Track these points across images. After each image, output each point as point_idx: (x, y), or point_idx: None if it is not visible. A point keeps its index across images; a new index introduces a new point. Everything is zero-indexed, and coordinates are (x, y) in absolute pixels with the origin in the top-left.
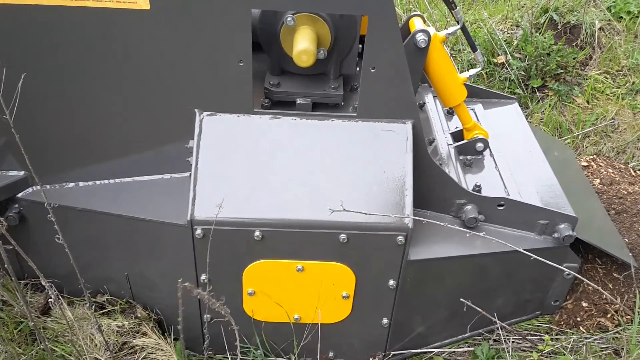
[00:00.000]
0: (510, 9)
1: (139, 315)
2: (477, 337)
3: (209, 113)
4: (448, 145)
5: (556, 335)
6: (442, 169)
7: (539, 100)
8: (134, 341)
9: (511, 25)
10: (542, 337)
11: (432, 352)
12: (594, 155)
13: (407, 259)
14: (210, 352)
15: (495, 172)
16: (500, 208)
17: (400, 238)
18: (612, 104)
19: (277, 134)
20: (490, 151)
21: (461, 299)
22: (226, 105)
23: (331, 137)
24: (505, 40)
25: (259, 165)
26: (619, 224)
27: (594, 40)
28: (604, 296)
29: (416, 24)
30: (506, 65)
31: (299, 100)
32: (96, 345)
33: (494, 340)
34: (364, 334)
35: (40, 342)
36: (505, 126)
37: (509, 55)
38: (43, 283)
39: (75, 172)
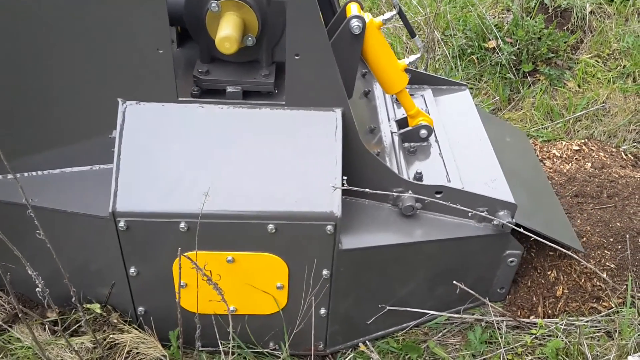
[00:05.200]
0: None
1: (115, 321)
2: (468, 321)
3: (132, 102)
4: (392, 132)
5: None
6: (376, 157)
7: (530, 85)
8: (116, 339)
9: (502, 10)
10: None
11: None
12: (586, 139)
13: (339, 248)
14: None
15: (438, 159)
16: (438, 196)
17: (330, 227)
18: (603, 87)
19: (203, 123)
20: (436, 138)
21: (454, 282)
22: (149, 94)
23: (259, 126)
24: (495, 25)
25: (183, 155)
26: (611, 208)
27: (585, 24)
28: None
29: (352, 9)
30: (497, 50)
31: (229, 89)
32: None
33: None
34: (303, 324)
35: None
36: (453, 113)
37: (500, 40)
38: (29, 272)
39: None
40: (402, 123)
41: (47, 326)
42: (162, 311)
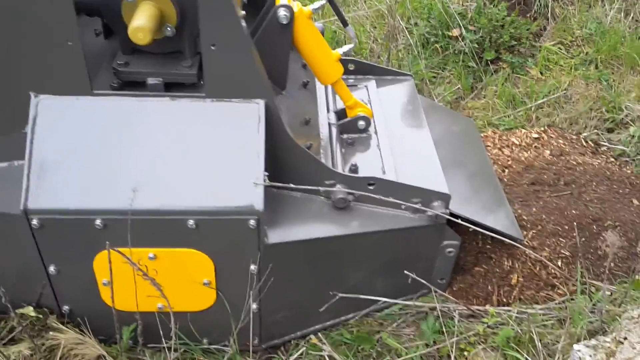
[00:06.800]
0: None
1: (54, 324)
2: (423, 311)
3: (45, 96)
4: (330, 124)
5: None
6: (305, 150)
7: (492, 73)
8: (47, 342)
9: None
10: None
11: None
12: (546, 127)
13: (266, 242)
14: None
15: (376, 151)
16: (371, 187)
17: (252, 222)
18: (565, 74)
19: (120, 116)
20: (375, 129)
21: (405, 272)
22: (63, 88)
23: (178, 118)
24: (459, 13)
25: (98, 150)
26: (567, 195)
27: (548, 11)
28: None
29: None
30: (460, 38)
31: (149, 80)
32: None
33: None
34: (235, 320)
35: None
36: (395, 103)
37: (463, 28)
38: None
39: None
40: (341, 114)
41: None
42: (87, 309)
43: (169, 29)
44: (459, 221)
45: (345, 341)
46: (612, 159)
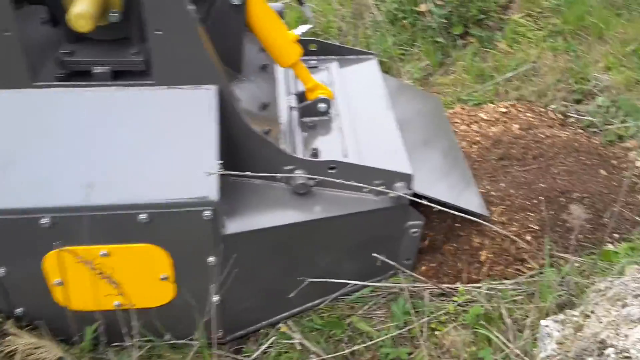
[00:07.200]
0: None
1: (12, 330)
2: (393, 292)
3: None
4: (291, 107)
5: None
6: (262, 135)
7: (461, 48)
8: (5, 349)
9: None
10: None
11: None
12: (514, 101)
13: (224, 233)
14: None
15: (338, 134)
16: (332, 171)
17: (207, 213)
18: (534, 47)
19: (63, 108)
20: (337, 111)
21: (373, 254)
22: (2, 80)
23: (126, 108)
24: None
25: (41, 145)
26: (535, 169)
27: None
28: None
29: None
30: (428, 14)
31: (95, 69)
32: None
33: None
34: (198, 313)
35: None
36: (358, 84)
37: (431, 4)
38: None
39: None
40: (301, 97)
41: None
42: (42, 311)
43: (113, 14)
44: (425, 202)
45: (316, 327)
46: (580, 131)
